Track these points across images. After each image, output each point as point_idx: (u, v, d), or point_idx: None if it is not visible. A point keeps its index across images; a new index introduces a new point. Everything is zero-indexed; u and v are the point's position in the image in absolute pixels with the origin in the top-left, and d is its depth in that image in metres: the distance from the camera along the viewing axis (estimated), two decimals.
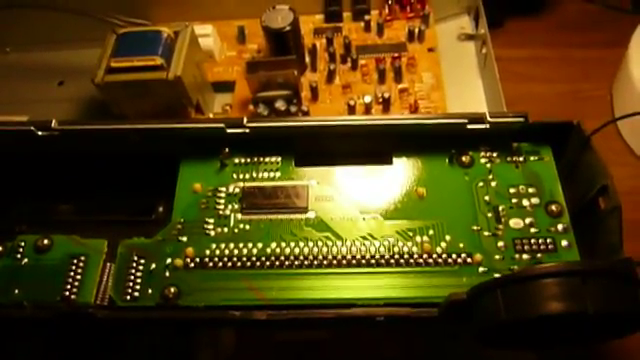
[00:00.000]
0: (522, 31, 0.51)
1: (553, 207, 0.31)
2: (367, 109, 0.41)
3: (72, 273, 0.30)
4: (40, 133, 0.33)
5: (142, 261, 0.31)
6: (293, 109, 0.40)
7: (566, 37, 0.50)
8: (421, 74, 0.42)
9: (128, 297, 0.30)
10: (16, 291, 0.30)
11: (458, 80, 0.43)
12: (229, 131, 0.32)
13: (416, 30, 0.44)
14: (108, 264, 0.31)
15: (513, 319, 0.23)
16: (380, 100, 0.41)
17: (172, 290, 0.29)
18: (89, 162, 0.34)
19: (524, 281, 0.23)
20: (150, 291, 0.30)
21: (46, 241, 0.31)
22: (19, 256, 0.31)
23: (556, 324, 0.23)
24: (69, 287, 0.30)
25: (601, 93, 0.47)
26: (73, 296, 0.30)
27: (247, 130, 0.32)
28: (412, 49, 0.44)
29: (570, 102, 0.46)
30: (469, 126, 0.32)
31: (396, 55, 0.43)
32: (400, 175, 0.33)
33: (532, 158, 0.33)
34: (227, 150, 0.33)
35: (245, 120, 0.32)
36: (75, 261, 0.31)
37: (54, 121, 0.32)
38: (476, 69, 0.45)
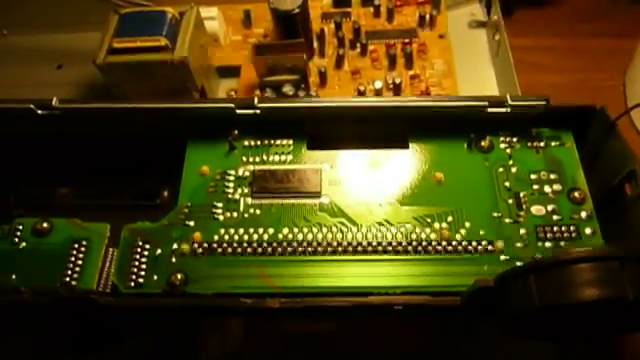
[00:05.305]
0: (532, 20, 0.50)
1: (576, 194, 0.30)
2: (377, 95, 0.39)
3: (73, 258, 0.29)
4: (40, 112, 0.31)
5: (147, 246, 0.29)
6: (301, 94, 0.39)
7: (577, 27, 0.49)
8: (432, 61, 0.41)
9: (132, 284, 0.28)
10: (13, 276, 0.29)
11: (469, 67, 0.42)
12: (239, 112, 0.31)
13: (427, 16, 0.43)
14: (111, 249, 0.29)
15: (548, 306, 0.22)
16: (391, 86, 0.40)
17: (179, 277, 0.28)
18: (91, 144, 0.33)
19: (559, 266, 0.22)
20: (155, 277, 0.28)
21: (45, 224, 0.30)
22: (17, 240, 0.30)
23: (591, 312, 0.22)
24: (70, 273, 0.29)
25: (613, 83, 0.46)
26: (74, 282, 0.28)
27: (258, 111, 0.31)
28: (423, 35, 0.43)
29: (582, 92, 0.45)
30: (489, 109, 0.31)
31: (406, 41, 0.42)
32: (416, 159, 0.32)
33: (553, 144, 0.32)
34: (236, 132, 0.32)
35: (256, 101, 0.31)
36: (76, 245, 0.29)
37: (55, 99, 0.31)
38: (487, 57, 0.43)
